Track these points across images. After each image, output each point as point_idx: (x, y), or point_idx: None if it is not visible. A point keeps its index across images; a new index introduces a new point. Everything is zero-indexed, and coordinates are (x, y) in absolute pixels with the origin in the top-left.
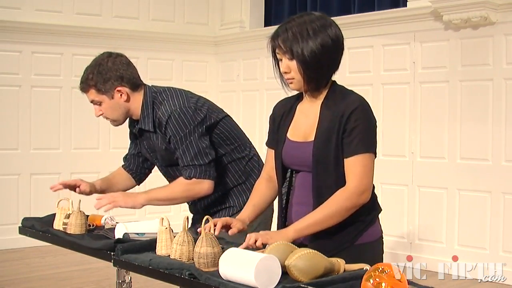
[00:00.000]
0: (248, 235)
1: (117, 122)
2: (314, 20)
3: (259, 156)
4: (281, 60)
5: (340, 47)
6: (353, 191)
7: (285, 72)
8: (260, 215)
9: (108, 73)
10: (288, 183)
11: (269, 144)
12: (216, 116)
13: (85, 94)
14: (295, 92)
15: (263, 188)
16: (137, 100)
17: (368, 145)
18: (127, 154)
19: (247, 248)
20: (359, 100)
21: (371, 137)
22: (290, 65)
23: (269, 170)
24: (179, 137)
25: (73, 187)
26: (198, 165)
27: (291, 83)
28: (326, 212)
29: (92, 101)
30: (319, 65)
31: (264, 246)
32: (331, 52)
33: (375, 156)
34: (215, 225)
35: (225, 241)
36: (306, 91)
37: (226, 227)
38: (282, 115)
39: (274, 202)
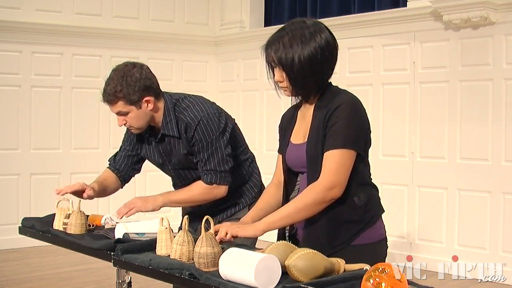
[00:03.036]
0: (220, 229)
1: (140, 130)
2: (305, 28)
3: (255, 160)
4: (275, 67)
5: (331, 54)
6: (322, 186)
7: (279, 81)
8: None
9: (137, 84)
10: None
11: (279, 150)
12: (231, 123)
13: (110, 106)
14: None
15: (272, 192)
16: (160, 108)
17: (346, 141)
18: (116, 155)
19: (221, 241)
20: (346, 98)
21: (351, 133)
22: (283, 75)
23: (278, 175)
24: (206, 143)
25: (80, 192)
26: (219, 172)
27: (285, 90)
28: (295, 205)
29: (117, 113)
30: (306, 77)
31: (234, 238)
32: (321, 61)
33: (358, 153)
34: (216, 232)
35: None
36: (298, 98)
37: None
38: (288, 121)
39: None
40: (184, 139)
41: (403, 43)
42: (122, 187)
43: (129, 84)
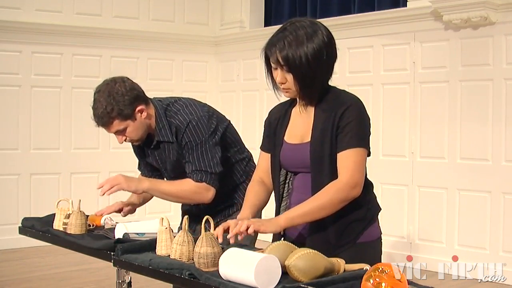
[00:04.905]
0: (240, 221)
1: (140, 141)
2: (306, 27)
3: (253, 159)
4: (276, 69)
5: (333, 51)
6: (345, 184)
7: (281, 83)
8: (257, 215)
9: (125, 97)
10: (285, 185)
11: (264, 148)
12: (222, 125)
13: (106, 128)
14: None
15: (257, 190)
16: (152, 115)
17: (360, 140)
18: (139, 165)
19: (237, 234)
20: (352, 98)
21: (364, 133)
22: (286, 76)
23: (261, 173)
24: (195, 144)
25: (119, 211)
26: (210, 173)
27: (287, 92)
28: (318, 203)
29: (116, 132)
30: (314, 75)
31: (255, 233)
32: (325, 59)
33: (369, 153)
34: (224, 231)
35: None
36: (301, 99)
37: (226, 230)
38: (278, 119)
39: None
40: (175, 143)
41: (403, 43)
42: None
43: (118, 100)
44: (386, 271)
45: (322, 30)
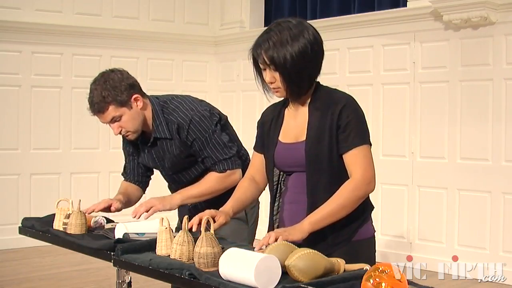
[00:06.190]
0: (267, 233)
1: (136, 134)
2: (292, 27)
3: (250, 157)
4: (265, 69)
5: (320, 51)
6: (360, 181)
7: (271, 82)
8: (243, 209)
9: (121, 84)
10: (277, 185)
11: (257, 148)
12: (223, 118)
13: (102, 114)
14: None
15: (246, 185)
16: (148, 108)
17: (363, 137)
18: (126, 169)
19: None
20: (345, 97)
21: (364, 129)
22: (275, 76)
23: (253, 172)
24: (204, 139)
25: (107, 208)
26: (228, 158)
27: (277, 91)
28: (338, 203)
29: (111, 119)
30: (300, 73)
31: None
32: (311, 58)
33: (371, 146)
34: (200, 221)
35: (226, 241)
36: (290, 97)
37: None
38: (272, 120)
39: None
40: (177, 140)
41: (403, 43)
42: (144, 192)
43: (114, 86)
44: (386, 271)
45: (308, 29)
